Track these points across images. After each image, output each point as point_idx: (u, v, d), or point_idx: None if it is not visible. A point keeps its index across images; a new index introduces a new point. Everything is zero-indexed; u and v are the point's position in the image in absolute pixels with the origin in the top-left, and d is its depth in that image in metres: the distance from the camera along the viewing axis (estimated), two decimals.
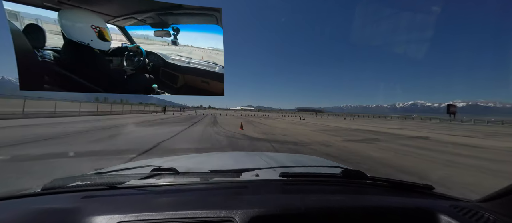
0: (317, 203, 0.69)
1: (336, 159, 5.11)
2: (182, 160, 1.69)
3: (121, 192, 0.80)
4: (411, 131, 15.71)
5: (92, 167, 3.59)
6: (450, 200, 0.81)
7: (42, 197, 0.78)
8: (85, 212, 0.63)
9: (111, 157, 4.69)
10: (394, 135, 12.21)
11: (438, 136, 12.31)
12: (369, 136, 11.25)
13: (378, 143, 8.60)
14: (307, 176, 0.95)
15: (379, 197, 0.79)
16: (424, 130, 16.62)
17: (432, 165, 5.05)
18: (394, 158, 5.60)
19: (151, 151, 5.45)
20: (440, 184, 3.54)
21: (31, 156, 4.35)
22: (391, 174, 4.11)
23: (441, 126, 24.81)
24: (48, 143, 5.94)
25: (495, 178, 4.11)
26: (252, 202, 0.67)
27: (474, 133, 15.34)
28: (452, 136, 12.56)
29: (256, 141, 8.13)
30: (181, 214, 0.62)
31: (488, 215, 0.65)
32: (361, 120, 38.12)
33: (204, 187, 0.85)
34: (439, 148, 7.74)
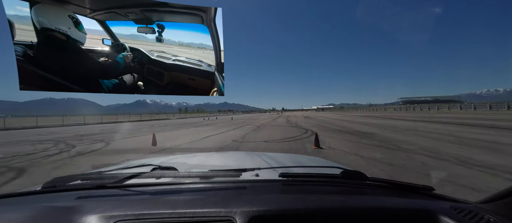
0: (317, 204, 0.69)
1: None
2: (182, 159, 1.69)
3: (121, 191, 0.80)
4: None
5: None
6: (450, 201, 0.80)
7: (42, 196, 0.78)
8: (85, 210, 0.63)
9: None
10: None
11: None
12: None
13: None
14: (307, 176, 0.95)
15: (379, 198, 0.79)
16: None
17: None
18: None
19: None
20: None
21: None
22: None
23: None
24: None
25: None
26: (252, 202, 0.67)
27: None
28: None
29: None
30: (181, 214, 0.61)
31: (489, 217, 0.65)
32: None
33: (204, 186, 0.85)
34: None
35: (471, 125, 12.22)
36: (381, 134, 9.21)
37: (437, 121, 16.11)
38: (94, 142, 8.93)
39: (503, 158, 4.60)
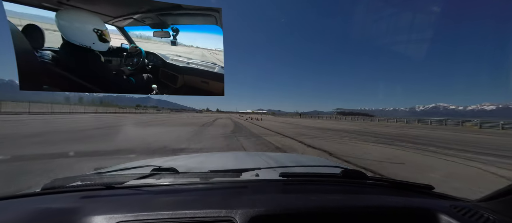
0: (317, 203, 0.69)
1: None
2: (182, 159, 1.69)
3: (121, 192, 0.80)
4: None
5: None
6: (450, 199, 0.81)
7: (42, 197, 0.78)
8: (85, 212, 0.63)
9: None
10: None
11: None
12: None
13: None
14: (307, 176, 0.95)
15: (379, 197, 0.79)
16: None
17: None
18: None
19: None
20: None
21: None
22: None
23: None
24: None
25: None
26: (252, 202, 0.67)
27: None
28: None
29: None
30: (181, 214, 0.61)
31: (488, 215, 0.65)
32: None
33: (204, 187, 0.84)
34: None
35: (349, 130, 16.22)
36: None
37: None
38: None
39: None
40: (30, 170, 3.68)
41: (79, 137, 8.11)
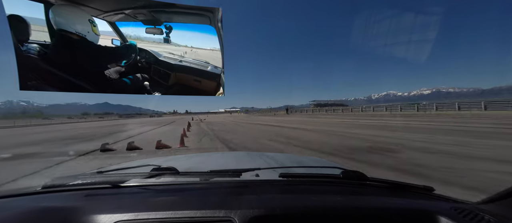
0: (317, 204, 0.68)
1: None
2: (182, 159, 1.69)
3: (121, 191, 0.80)
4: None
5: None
6: (450, 201, 0.80)
7: (43, 196, 0.78)
8: (85, 211, 0.63)
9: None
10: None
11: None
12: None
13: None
14: (307, 176, 0.94)
15: (379, 198, 0.79)
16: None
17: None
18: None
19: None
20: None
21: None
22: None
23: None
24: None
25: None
26: (252, 202, 0.67)
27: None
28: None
29: None
30: (181, 214, 0.61)
31: (489, 217, 0.65)
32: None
33: (204, 186, 0.84)
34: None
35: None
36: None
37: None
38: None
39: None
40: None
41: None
